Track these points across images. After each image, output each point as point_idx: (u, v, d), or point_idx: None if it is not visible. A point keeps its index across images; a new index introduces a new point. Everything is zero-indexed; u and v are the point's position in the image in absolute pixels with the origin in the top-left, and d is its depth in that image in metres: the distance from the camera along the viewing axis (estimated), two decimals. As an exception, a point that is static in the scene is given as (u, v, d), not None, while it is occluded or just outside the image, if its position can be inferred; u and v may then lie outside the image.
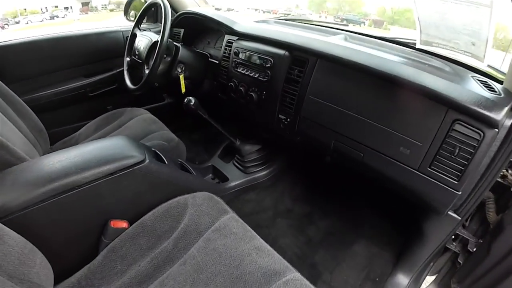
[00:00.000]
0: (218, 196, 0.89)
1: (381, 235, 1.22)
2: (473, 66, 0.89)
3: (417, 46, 0.91)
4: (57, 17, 4.40)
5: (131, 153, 0.77)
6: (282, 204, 1.34)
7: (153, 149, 0.93)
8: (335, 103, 0.86)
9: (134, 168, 0.76)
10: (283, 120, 1.04)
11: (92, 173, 0.71)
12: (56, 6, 4.53)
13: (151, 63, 1.15)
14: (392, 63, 0.78)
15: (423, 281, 1.09)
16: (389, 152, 0.78)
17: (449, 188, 0.73)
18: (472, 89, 0.69)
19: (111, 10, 4.61)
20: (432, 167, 0.73)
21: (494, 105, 0.65)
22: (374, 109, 0.79)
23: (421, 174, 0.75)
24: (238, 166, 1.38)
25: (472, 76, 0.79)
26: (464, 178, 0.70)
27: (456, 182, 0.71)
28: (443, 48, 0.89)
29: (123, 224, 0.78)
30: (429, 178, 0.75)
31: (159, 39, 1.13)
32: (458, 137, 0.69)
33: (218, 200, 0.87)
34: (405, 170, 0.77)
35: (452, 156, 0.70)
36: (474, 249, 0.97)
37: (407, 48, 0.96)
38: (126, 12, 1.66)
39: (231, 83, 1.18)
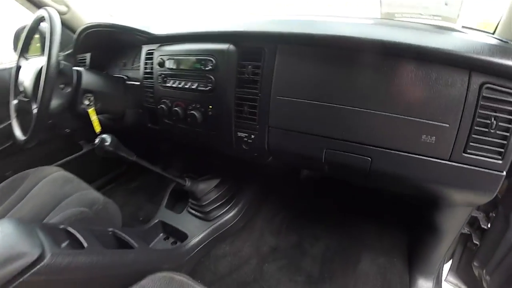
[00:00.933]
0: (179, 264, 0.59)
1: (384, 242, 1.04)
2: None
3: (377, 21, 0.76)
4: None
5: (18, 249, 0.48)
6: (265, 244, 1.03)
7: (62, 226, 0.64)
8: (316, 98, 0.62)
9: (28, 274, 0.47)
10: (245, 139, 0.75)
11: None
12: None
13: (40, 97, 0.75)
14: (383, 29, 0.58)
15: (442, 275, 0.97)
16: (408, 146, 0.57)
17: (492, 172, 0.55)
18: (485, 41, 0.53)
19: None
20: (468, 151, 0.54)
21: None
22: (376, 95, 0.57)
23: (455, 164, 0.56)
24: (196, 213, 1.02)
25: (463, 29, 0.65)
26: (508, 154, 0.53)
27: (500, 162, 0.54)
28: (407, 17, 0.76)
29: None
30: (466, 166, 0.55)
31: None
32: (491, 105, 0.52)
33: (182, 280, 0.58)
34: (433, 165, 0.57)
35: (490, 131, 0.53)
36: (489, 225, 0.87)
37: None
38: (15, 46, 1.18)
39: (162, 105, 0.85)
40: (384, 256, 0.99)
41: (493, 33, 0.66)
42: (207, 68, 0.73)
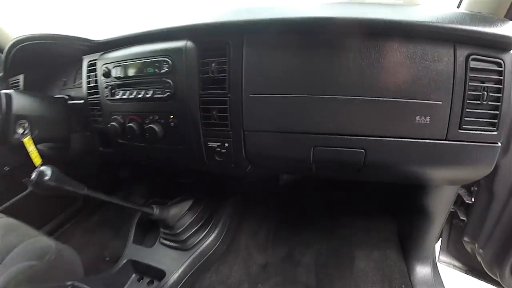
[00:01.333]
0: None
1: (373, 235, 1.00)
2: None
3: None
4: None
5: None
6: (254, 264, 0.92)
7: None
8: (296, 91, 0.54)
9: None
10: (218, 149, 0.64)
11: None
12: None
13: None
14: (359, 8, 0.52)
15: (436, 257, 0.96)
16: (403, 130, 0.51)
17: (488, 144, 0.52)
18: (463, 12, 0.50)
19: None
20: (463, 127, 0.51)
21: (494, 21, 0.48)
22: (362, 79, 0.51)
23: (452, 142, 0.51)
24: (170, 244, 0.87)
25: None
26: (502, 124, 0.51)
27: (495, 133, 0.51)
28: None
29: None
30: (463, 143, 0.51)
31: None
32: (479, 76, 0.49)
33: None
34: (430, 147, 0.52)
35: (483, 103, 0.49)
36: (472, 199, 0.85)
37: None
38: None
39: (113, 123, 0.71)
40: (377, 250, 0.94)
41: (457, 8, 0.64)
42: (162, 71, 0.61)
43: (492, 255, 0.79)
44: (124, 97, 0.67)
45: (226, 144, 0.62)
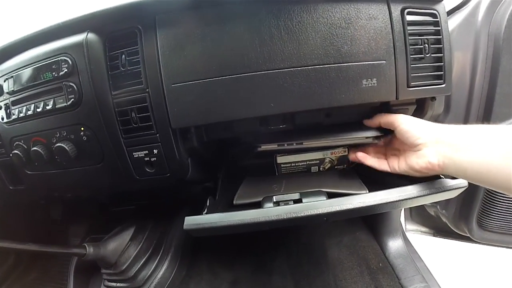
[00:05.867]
0: None
1: (338, 221, 0.88)
2: None
3: None
4: None
5: None
6: (222, 282, 0.73)
7: None
8: (226, 71, 0.40)
9: None
10: (146, 158, 0.47)
11: None
12: None
13: None
14: None
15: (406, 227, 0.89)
16: (351, 97, 0.40)
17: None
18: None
19: None
20: (412, 84, 0.42)
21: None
22: (299, 48, 0.39)
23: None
24: (118, 285, 0.64)
25: None
26: (448, 75, 0.43)
27: (443, 86, 0.43)
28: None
29: None
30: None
31: None
32: (418, 29, 0.42)
33: None
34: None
35: (426, 56, 0.41)
36: None
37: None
38: None
39: (16, 151, 0.50)
40: (346, 235, 0.83)
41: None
42: (61, 73, 0.43)
43: (455, 213, 0.71)
44: (21, 115, 0.48)
45: (155, 151, 0.46)
